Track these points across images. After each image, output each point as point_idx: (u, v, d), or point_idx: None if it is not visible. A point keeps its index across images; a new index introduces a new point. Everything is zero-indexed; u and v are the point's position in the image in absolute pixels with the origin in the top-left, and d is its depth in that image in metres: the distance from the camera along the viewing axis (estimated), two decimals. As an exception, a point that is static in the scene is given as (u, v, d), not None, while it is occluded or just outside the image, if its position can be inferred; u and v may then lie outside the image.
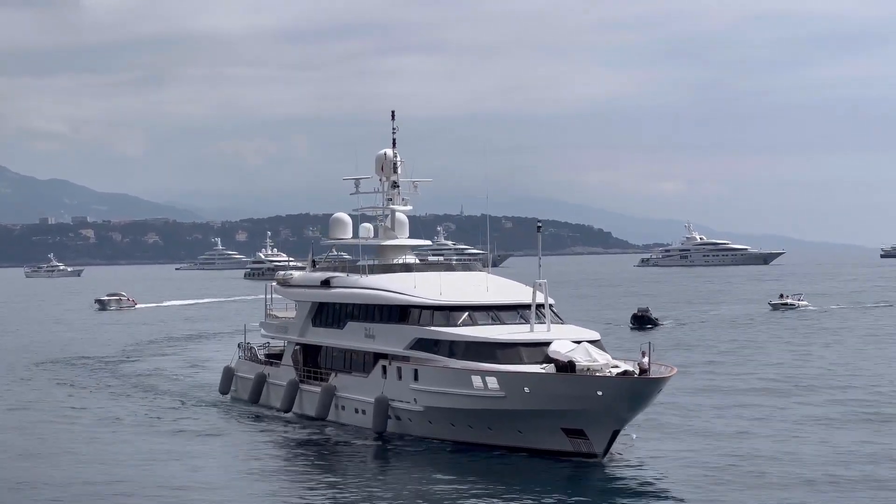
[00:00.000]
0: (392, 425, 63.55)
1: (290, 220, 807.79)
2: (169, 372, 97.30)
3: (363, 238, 74.90)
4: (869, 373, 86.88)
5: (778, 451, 57.13)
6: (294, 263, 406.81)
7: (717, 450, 57.93)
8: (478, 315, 62.56)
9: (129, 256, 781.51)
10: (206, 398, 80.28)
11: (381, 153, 73.01)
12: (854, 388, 78.41)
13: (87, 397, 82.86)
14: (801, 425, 64.44)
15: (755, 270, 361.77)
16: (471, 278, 67.68)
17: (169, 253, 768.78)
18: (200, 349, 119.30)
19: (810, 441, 59.93)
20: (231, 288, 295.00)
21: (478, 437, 59.81)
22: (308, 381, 71.57)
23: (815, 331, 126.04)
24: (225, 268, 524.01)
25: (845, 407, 70.19)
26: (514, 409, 57.46)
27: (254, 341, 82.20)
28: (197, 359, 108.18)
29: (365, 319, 67.34)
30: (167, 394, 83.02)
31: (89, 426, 70.38)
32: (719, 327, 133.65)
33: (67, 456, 61.36)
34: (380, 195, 73.36)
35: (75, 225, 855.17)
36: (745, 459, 55.47)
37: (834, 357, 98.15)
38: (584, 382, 55.47)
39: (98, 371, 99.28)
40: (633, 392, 55.11)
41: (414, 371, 62.10)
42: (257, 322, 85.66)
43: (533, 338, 59.83)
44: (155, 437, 66.06)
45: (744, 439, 60.42)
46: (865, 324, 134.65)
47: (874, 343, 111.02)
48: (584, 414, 55.68)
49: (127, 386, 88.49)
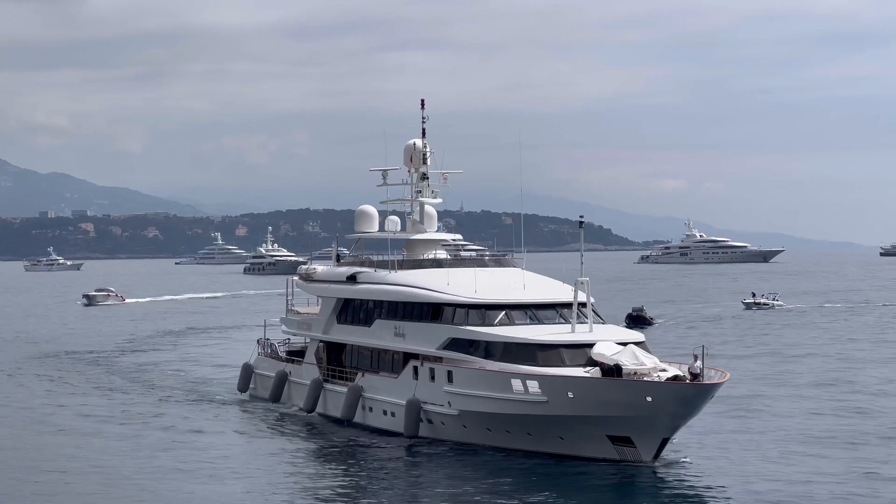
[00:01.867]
0: (424, 429, 60.37)
1: (291, 215, 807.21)
2: (167, 367, 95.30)
3: (390, 231, 71.65)
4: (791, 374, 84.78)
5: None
6: (296, 259, 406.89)
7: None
8: (515, 314, 59.36)
9: (129, 251, 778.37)
10: (223, 396, 77.25)
11: (410, 143, 69.86)
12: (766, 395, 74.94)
13: (86, 394, 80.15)
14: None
15: (754, 268, 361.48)
16: (506, 275, 64.46)
17: (169, 247, 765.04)
18: (194, 345, 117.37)
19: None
20: (229, 283, 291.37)
21: (515, 442, 56.66)
22: (333, 380, 68.41)
23: (776, 329, 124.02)
24: (225, 262, 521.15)
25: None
26: (556, 415, 54.30)
27: (273, 337, 78.81)
28: (190, 355, 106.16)
29: (394, 317, 64.16)
30: (178, 390, 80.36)
31: (95, 424, 67.86)
32: (692, 326, 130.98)
33: (77, 455, 58.69)
34: (408, 187, 70.17)
35: (75, 219, 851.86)
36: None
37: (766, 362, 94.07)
38: (634, 388, 52.28)
39: (93, 366, 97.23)
40: (685, 398, 51.92)
41: (448, 372, 58.89)
42: (275, 318, 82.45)
43: (575, 339, 56.63)
44: (171, 436, 63.34)
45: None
46: (837, 323, 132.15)
47: (832, 343, 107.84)
48: (633, 421, 52.56)
49: (132, 382, 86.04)
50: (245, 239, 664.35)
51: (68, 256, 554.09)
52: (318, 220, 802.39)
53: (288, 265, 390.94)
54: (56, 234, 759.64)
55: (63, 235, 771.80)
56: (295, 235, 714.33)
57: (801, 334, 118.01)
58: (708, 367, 52.94)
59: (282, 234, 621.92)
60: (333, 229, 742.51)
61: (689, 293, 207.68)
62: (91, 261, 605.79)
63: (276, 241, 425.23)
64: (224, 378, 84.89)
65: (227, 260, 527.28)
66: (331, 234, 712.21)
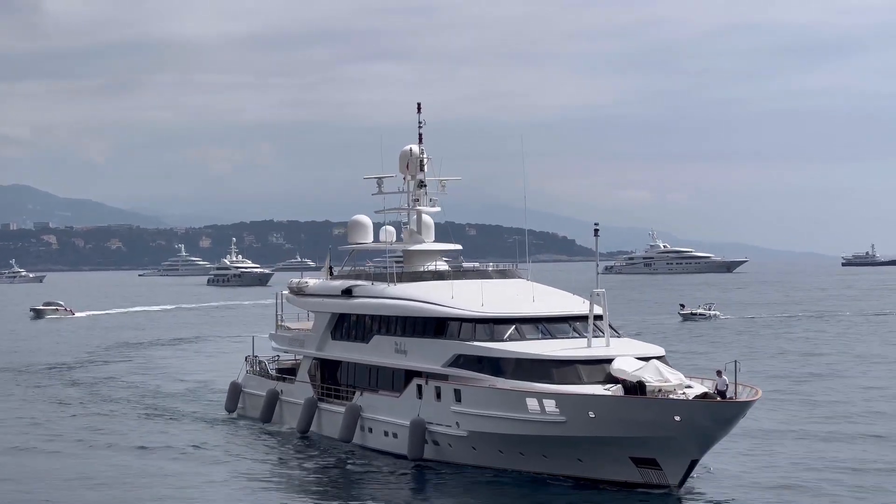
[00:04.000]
0: (429, 451, 56.79)
1: (255, 226, 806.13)
2: (126, 382, 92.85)
3: (387, 242, 68.11)
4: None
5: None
6: (261, 270, 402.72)
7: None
8: (526, 328, 55.81)
9: (91, 262, 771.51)
10: (209, 415, 73.57)
11: (407, 149, 66.29)
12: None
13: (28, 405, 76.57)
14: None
15: (717, 278, 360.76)
16: (514, 287, 61.03)
17: (132, 259, 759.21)
18: (158, 358, 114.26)
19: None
20: (188, 295, 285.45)
21: (529, 465, 53.19)
22: (328, 399, 64.78)
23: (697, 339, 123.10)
24: (188, 274, 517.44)
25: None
26: (575, 436, 50.85)
27: (261, 354, 75.01)
28: (154, 369, 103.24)
29: (395, 333, 60.59)
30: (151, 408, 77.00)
31: (66, 446, 64.09)
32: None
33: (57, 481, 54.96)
34: (405, 195, 66.63)
35: (37, 231, 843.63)
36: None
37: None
38: (661, 406, 48.89)
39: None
40: (717, 417, 48.59)
41: (455, 391, 55.35)
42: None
43: (593, 354, 53.20)
44: (156, 461, 59.65)
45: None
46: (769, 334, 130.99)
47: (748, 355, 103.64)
48: (659, 442, 49.20)
49: (92, 399, 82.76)
50: (209, 250, 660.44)
51: (30, 269, 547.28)
52: (282, 232, 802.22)
53: (254, 277, 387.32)
54: (18, 246, 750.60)
55: (25, 247, 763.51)
56: (259, 247, 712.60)
57: (716, 346, 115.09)
58: (740, 383, 49.59)
59: (246, 246, 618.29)
60: (297, 241, 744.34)
61: (637, 304, 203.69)
62: (54, 273, 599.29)
63: (240, 253, 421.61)
64: (190, 393, 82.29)
65: (191, 271, 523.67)
66: (295, 246, 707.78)
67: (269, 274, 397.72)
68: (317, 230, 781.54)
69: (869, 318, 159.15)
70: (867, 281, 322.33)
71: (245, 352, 77.16)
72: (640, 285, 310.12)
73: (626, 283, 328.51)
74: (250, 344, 76.08)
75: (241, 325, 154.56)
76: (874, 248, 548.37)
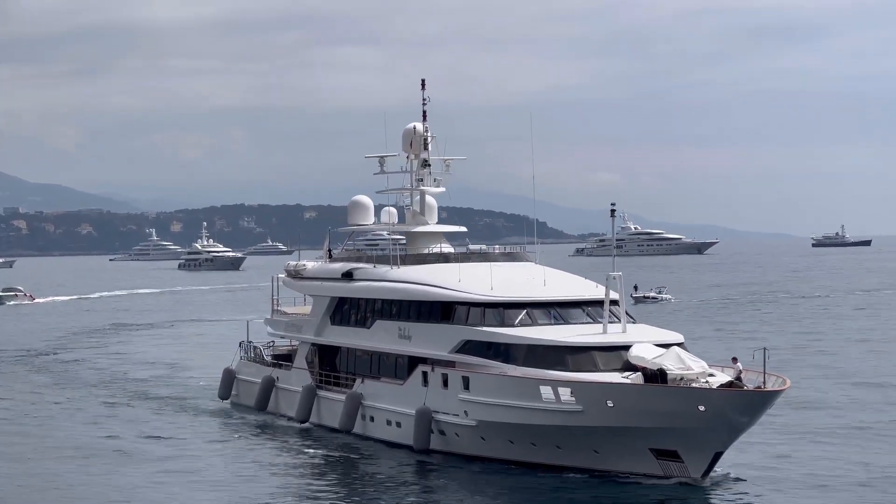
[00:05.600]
0: (435, 441, 54.51)
1: (226, 210, 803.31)
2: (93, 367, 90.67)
3: (388, 224, 65.78)
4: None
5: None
6: (234, 254, 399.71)
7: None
8: (537, 313, 53.56)
9: (62, 247, 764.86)
10: (202, 403, 71.21)
11: (410, 127, 63.95)
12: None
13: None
14: None
15: (687, 260, 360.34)
16: (524, 270, 58.77)
17: (103, 244, 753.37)
18: (125, 343, 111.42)
19: None
20: (156, 279, 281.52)
21: (542, 457, 50.94)
22: (327, 387, 62.43)
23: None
24: (160, 258, 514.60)
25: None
26: (592, 426, 48.67)
27: (256, 339, 72.63)
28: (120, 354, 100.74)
29: (398, 318, 58.27)
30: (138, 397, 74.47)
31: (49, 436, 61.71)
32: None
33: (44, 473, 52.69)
34: (408, 175, 64.27)
35: (7, 216, 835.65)
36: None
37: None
38: (685, 396, 46.73)
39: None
40: (745, 407, 46.47)
41: (464, 378, 53.07)
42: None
43: (609, 340, 51.00)
44: (145, 451, 57.34)
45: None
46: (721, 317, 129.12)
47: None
48: (681, 432, 47.08)
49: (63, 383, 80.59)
50: (180, 235, 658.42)
51: (0, 254, 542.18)
52: (253, 216, 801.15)
53: (226, 261, 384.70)
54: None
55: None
56: (230, 231, 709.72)
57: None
58: (769, 373, 47.40)
59: (217, 230, 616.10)
60: (269, 225, 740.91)
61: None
62: (24, 258, 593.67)
63: (211, 237, 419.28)
64: (169, 378, 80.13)
65: (162, 256, 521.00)
66: (266, 230, 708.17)
67: (241, 258, 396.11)
68: (288, 214, 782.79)
69: (809, 298, 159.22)
70: (831, 262, 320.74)
71: (221, 337, 74.57)
72: (611, 268, 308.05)
73: (597, 265, 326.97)
74: (224, 329, 73.61)
75: (220, 310, 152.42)
76: (844, 229, 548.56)
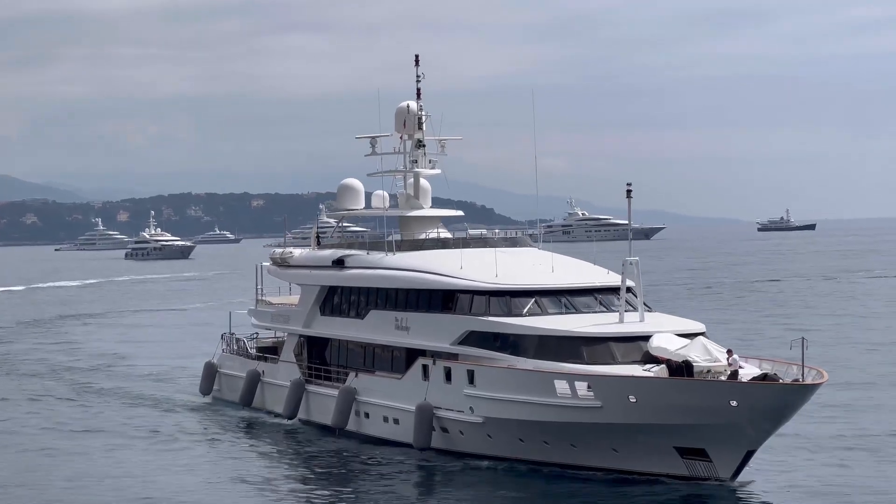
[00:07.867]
0: (437, 439, 50.83)
1: (173, 199, 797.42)
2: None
3: (380, 208, 62.01)
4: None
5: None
6: (183, 243, 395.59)
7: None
8: (547, 302, 49.99)
9: (6, 238, 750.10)
10: (181, 398, 67.44)
11: (403, 106, 60.27)
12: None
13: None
14: None
15: (635, 245, 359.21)
16: (529, 256, 55.21)
17: (48, 234, 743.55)
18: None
19: None
20: (104, 269, 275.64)
21: (555, 456, 47.39)
22: (317, 381, 58.63)
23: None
24: (106, 248, 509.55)
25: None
26: (612, 423, 45.09)
27: (239, 332, 68.85)
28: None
29: (395, 307, 54.57)
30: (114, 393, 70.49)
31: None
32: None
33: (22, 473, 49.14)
34: (401, 156, 60.53)
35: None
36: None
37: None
38: (716, 390, 43.21)
39: None
40: (781, 403, 42.95)
41: (469, 372, 49.39)
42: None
43: (627, 330, 47.41)
44: (123, 450, 53.93)
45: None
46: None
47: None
48: (710, 430, 43.59)
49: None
50: (127, 224, 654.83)
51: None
52: (200, 205, 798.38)
53: (175, 249, 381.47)
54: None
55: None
56: (177, 220, 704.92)
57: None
58: (807, 366, 43.80)
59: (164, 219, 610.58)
60: (216, 213, 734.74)
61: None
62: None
63: (158, 226, 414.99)
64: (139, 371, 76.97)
65: (109, 245, 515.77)
66: (213, 218, 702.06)
67: (191, 246, 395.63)
68: (235, 202, 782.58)
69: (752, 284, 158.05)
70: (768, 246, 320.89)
71: (186, 327, 70.70)
72: (559, 253, 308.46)
73: (559, 249, 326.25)
74: (188, 319, 69.76)
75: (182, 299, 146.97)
76: (789, 213, 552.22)
